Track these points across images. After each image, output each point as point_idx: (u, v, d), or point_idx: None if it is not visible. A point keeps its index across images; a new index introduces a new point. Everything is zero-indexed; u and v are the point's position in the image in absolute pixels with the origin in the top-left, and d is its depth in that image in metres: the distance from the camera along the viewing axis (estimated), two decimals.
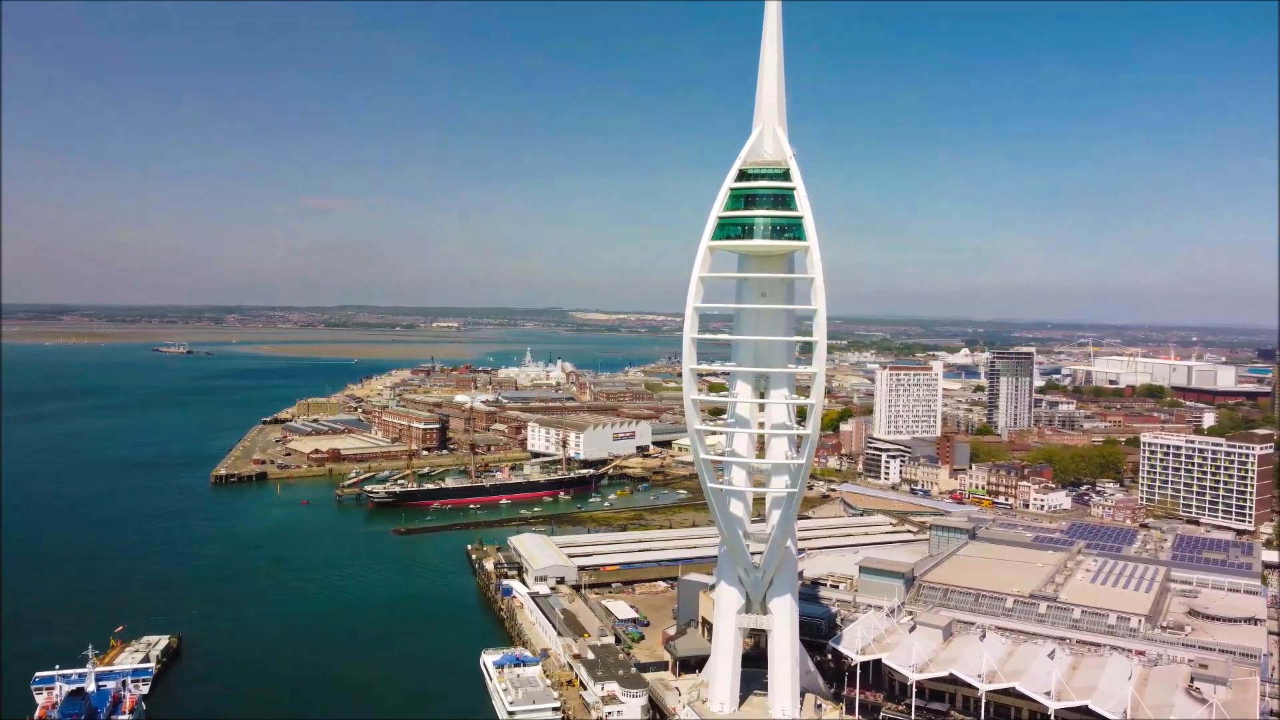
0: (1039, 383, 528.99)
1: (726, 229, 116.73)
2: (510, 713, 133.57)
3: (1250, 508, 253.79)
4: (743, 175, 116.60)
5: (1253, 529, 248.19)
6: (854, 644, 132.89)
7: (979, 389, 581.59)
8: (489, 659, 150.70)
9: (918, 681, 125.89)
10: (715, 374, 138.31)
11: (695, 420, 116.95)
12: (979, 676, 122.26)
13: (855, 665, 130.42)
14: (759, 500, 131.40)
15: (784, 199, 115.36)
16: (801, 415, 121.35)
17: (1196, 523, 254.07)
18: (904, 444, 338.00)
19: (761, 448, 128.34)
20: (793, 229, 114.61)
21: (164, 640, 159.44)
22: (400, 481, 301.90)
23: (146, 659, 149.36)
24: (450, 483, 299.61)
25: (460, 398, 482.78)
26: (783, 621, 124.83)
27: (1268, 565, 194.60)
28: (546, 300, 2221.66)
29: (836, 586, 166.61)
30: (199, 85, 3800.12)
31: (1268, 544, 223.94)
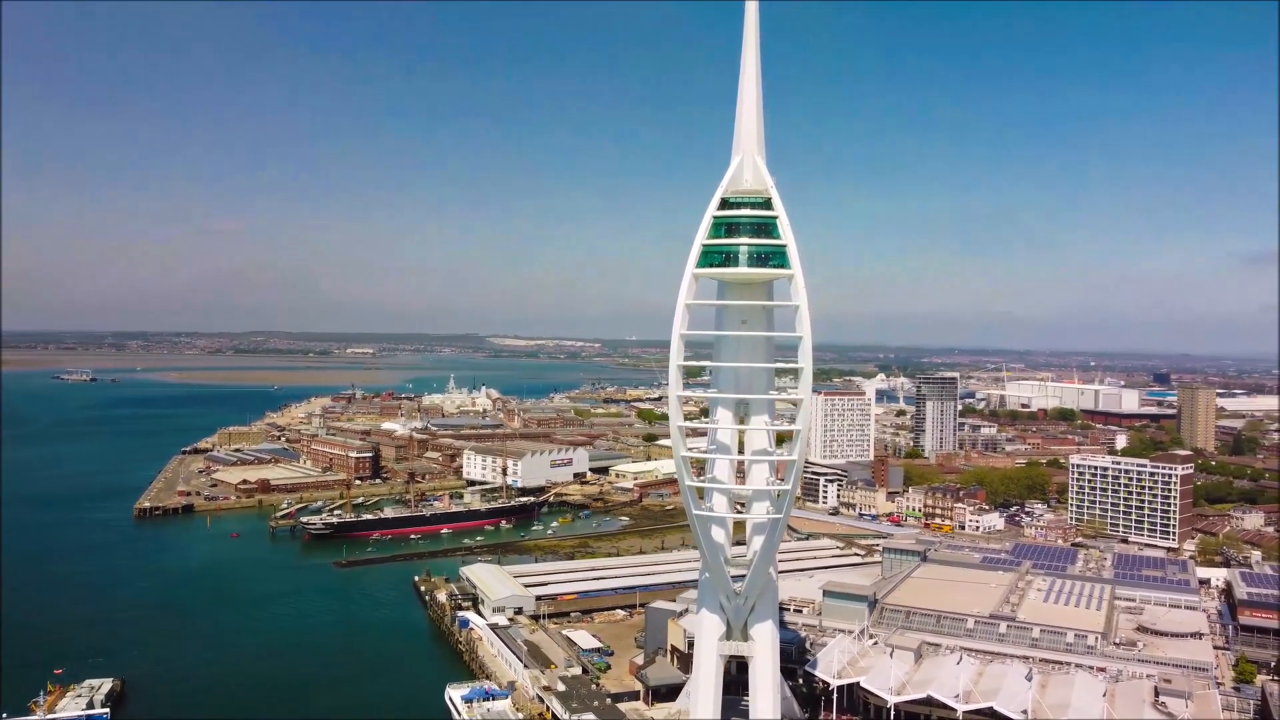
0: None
1: (709, 256, 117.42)
2: None
3: (1174, 526, 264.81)
4: (725, 204, 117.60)
5: (1176, 546, 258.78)
6: (830, 668, 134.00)
7: (900, 413, 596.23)
8: (455, 693, 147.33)
9: (894, 704, 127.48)
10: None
11: (681, 447, 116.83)
12: (956, 697, 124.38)
13: (833, 689, 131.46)
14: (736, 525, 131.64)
15: (765, 227, 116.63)
16: (779, 440, 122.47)
17: (1125, 541, 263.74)
18: (840, 468, 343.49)
19: (742, 474, 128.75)
20: (776, 257, 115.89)
21: (107, 683, 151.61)
22: (336, 512, 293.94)
23: (91, 704, 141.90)
24: (389, 512, 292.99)
25: (389, 425, 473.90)
26: (764, 648, 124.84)
27: (1200, 581, 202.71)
28: (463, 326, 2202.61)
29: (800, 611, 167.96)
30: (97, 98, 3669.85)
31: (1192, 559, 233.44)
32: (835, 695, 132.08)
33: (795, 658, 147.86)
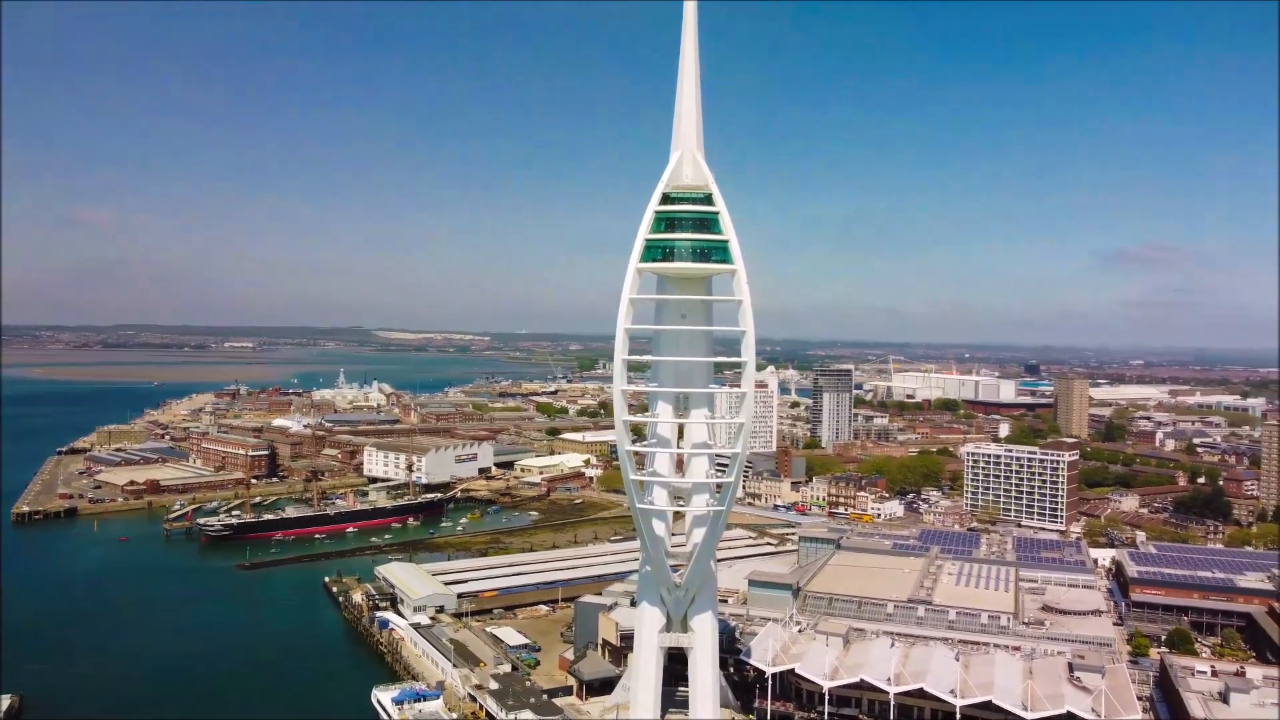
0: None
1: (651, 251, 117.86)
2: None
3: (1062, 510, 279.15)
4: (666, 199, 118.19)
5: (1065, 529, 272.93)
6: (764, 656, 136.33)
7: (795, 405, 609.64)
8: (383, 696, 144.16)
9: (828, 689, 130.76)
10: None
11: (626, 441, 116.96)
12: (888, 680, 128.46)
13: (768, 676, 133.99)
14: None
15: (705, 223, 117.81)
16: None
17: (1018, 525, 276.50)
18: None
19: (680, 467, 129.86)
20: (717, 252, 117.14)
21: (5, 700, 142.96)
22: (235, 513, 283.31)
23: None
24: (291, 512, 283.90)
25: (281, 422, 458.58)
26: (705, 638, 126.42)
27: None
28: (348, 319, 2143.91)
29: (726, 600, 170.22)
30: None
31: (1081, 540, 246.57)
32: (770, 682, 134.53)
33: (726, 646, 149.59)
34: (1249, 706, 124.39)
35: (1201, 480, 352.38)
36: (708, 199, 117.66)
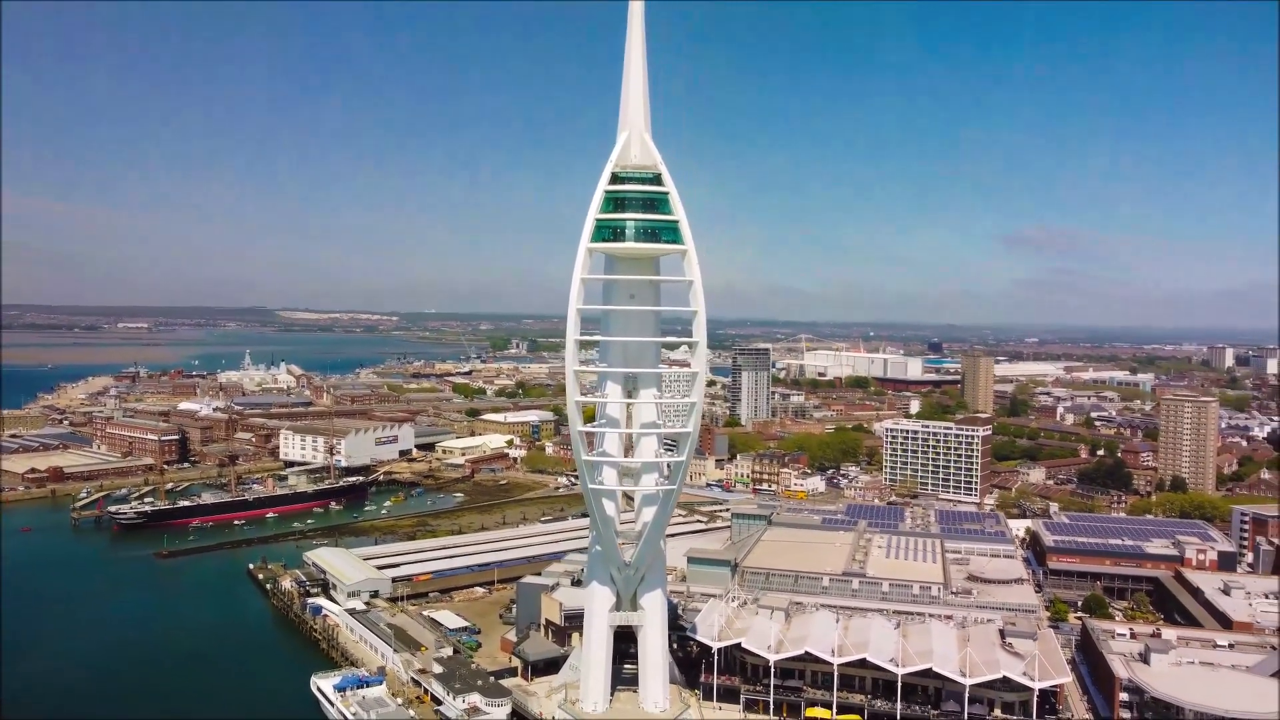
0: None
1: (599, 231, 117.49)
2: None
3: (976, 483, 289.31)
4: (615, 179, 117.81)
5: (979, 501, 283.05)
6: (710, 631, 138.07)
7: (711, 383, 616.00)
8: (324, 683, 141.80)
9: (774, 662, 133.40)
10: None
11: (578, 422, 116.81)
12: (831, 651, 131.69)
13: (714, 651, 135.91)
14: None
15: (654, 203, 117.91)
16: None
17: (936, 498, 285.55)
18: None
19: (629, 448, 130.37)
20: (666, 232, 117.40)
21: None
22: (149, 500, 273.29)
23: None
24: (208, 498, 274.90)
25: (188, 405, 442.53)
26: (654, 617, 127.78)
27: None
28: (248, 299, 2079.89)
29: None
30: None
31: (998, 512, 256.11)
32: (715, 657, 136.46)
33: (669, 623, 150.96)
34: (1168, 666, 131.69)
35: (1101, 453, 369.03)
36: (657, 179, 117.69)
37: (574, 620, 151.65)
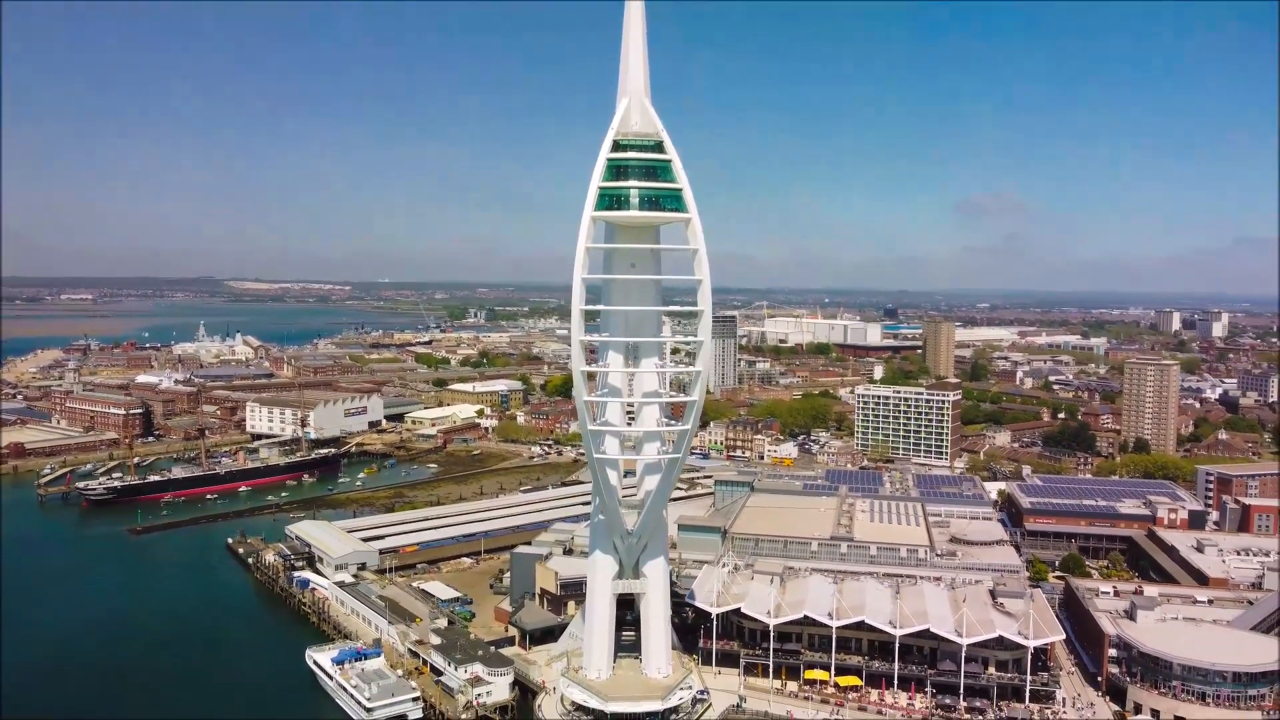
0: None
1: (602, 200, 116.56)
2: (369, 710, 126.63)
3: (947, 447, 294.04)
4: (617, 146, 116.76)
5: (951, 465, 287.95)
6: (708, 597, 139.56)
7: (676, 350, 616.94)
8: (320, 657, 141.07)
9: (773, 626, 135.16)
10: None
11: (584, 392, 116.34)
12: (829, 615, 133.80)
13: (714, 617, 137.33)
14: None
15: (655, 170, 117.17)
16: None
17: (909, 462, 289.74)
18: None
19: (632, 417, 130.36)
20: (669, 200, 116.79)
21: None
22: (117, 474, 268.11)
23: None
24: (179, 472, 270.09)
25: (145, 378, 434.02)
26: (657, 584, 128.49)
27: None
28: (196, 269, 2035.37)
29: None
30: None
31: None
32: (714, 623, 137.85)
33: None
34: (1153, 622, 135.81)
35: (1063, 415, 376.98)
36: (658, 146, 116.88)
37: (570, 589, 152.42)
